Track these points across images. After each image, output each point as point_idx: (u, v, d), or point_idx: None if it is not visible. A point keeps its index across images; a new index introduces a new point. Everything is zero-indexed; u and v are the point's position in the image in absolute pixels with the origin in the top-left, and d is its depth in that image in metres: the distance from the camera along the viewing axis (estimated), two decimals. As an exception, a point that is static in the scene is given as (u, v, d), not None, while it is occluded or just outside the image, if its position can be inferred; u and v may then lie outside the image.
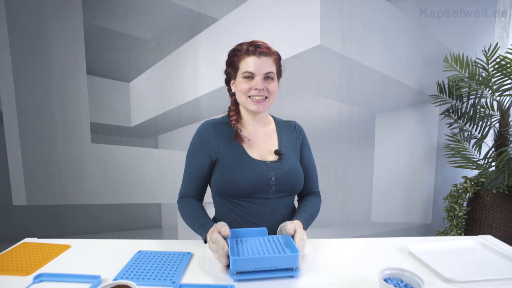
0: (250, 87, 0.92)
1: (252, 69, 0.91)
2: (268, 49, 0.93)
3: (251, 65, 0.91)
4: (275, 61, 0.95)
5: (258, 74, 0.91)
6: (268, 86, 0.92)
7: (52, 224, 2.11)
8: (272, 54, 0.94)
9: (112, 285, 0.61)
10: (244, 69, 0.92)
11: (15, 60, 1.94)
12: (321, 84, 2.18)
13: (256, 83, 0.91)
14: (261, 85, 0.91)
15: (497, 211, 1.99)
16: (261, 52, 0.91)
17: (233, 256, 0.73)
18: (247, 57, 0.92)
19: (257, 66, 0.90)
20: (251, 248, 0.78)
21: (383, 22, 2.18)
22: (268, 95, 0.93)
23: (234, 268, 0.70)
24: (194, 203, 0.98)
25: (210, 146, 0.96)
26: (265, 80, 0.92)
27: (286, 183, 0.95)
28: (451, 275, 0.71)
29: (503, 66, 1.95)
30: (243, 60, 0.92)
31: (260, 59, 0.91)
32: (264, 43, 0.94)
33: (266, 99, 0.93)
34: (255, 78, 0.91)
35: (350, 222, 2.38)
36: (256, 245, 0.80)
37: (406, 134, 2.35)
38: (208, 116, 2.14)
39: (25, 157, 2.01)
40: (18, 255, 0.83)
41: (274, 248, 0.78)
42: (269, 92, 0.93)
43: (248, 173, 0.93)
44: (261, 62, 0.91)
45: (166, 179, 2.17)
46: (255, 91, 0.91)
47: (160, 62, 2.09)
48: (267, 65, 0.91)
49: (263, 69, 0.91)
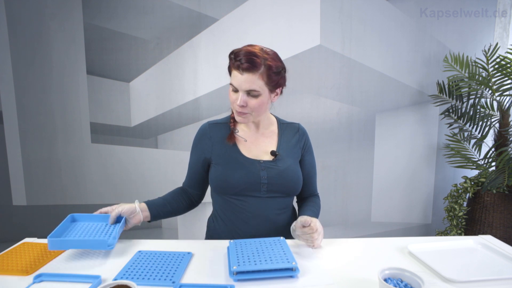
0: (234, 100, 0.91)
1: (235, 84, 0.89)
2: (256, 65, 0.85)
3: (235, 80, 0.88)
4: (262, 75, 0.87)
5: (240, 90, 0.89)
6: (250, 102, 0.89)
7: (52, 224, 2.10)
8: (258, 69, 0.86)
9: (112, 285, 0.61)
10: (231, 81, 0.90)
11: (15, 60, 1.94)
12: (321, 84, 2.18)
13: (237, 98, 0.89)
14: (242, 101, 0.88)
15: (497, 211, 1.99)
16: (243, 69, 0.86)
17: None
18: (234, 70, 0.89)
19: (239, 82, 0.87)
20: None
21: (383, 22, 2.18)
22: (249, 111, 0.91)
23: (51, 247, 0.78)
24: (174, 190, 1.08)
25: (204, 146, 1.00)
26: (247, 96, 0.89)
27: (279, 184, 0.96)
28: (451, 275, 0.71)
29: (503, 66, 1.95)
30: (232, 71, 0.90)
31: (242, 75, 0.86)
32: (257, 58, 0.86)
33: (247, 114, 0.92)
34: (238, 92, 0.90)
35: (350, 222, 2.38)
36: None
37: (406, 134, 2.35)
38: (208, 116, 2.14)
39: (25, 157, 2.01)
40: (18, 255, 0.83)
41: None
42: (251, 108, 0.90)
43: (239, 171, 0.94)
44: (243, 79, 0.87)
45: (166, 179, 2.17)
46: (237, 106, 0.90)
47: (160, 62, 2.09)
48: (248, 82, 0.87)
49: (244, 86, 0.87)
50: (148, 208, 0.97)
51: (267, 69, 0.88)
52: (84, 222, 0.92)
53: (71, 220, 0.92)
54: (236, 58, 0.87)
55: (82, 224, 0.92)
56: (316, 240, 0.85)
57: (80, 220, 0.93)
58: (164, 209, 1.01)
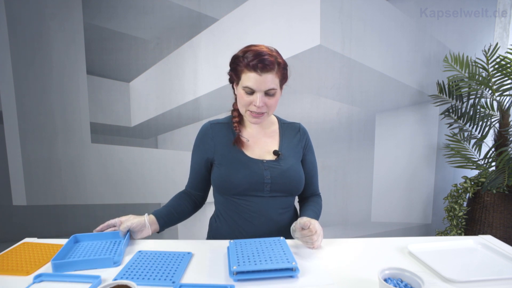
0: (250, 101, 0.90)
1: (253, 85, 0.87)
2: (272, 63, 0.87)
3: (252, 81, 0.87)
4: (278, 73, 0.89)
5: (258, 91, 0.88)
6: (268, 102, 0.90)
7: (52, 224, 2.11)
8: (275, 68, 0.88)
9: (112, 285, 0.61)
10: (245, 84, 0.88)
11: (15, 60, 1.94)
12: (321, 84, 2.18)
13: (256, 99, 0.88)
14: (261, 102, 0.88)
15: (497, 211, 1.99)
16: (263, 69, 0.86)
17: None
18: (248, 72, 0.87)
19: (257, 84, 0.87)
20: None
21: (383, 22, 2.18)
22: (266, 110, 0.92)
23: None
24: (176, 196, 1.06)
25: (207, 146, 0.99)
26: (265, 96, 0.89)
27: (282, 183, 0.96)
28: (451, 275, 0.71)
29: (503, 66, 1.95)
30: (244, 73, 0.88)
31: (261, 76, 0.86)
32: (270, 56, 0.87)
33: (264, 114, 0.93)
34: (255, 93, 0.89)
35: (350, 222, 2.38)
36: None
37: (406, 134, 2.35)
38: (208, 116, 2.14)
39: (25, 157, 2.01)
40: (18, 255, 0.83)
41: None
42: (268, 107, 0.91)
43: (242, 171, 0.94)
44: (262, 80, 0.86)
45: (166, 179, 2.17)
46: (254, 107, 0.90)
47: (160, 62, 2.09)
48: (268, 82, 0.87)
49: (264, 86, 0.87)
50: (156, 220, 0.96)
51: (280, 67, 0.90)
52: (87, 242, 0.90)
53: (74, 241, 0.90)
54: (250, 59, 0.86)
55: (85, 244, 0.89)
56: (315, 242, 0.85)
57: (83, 240, 0.91)
58: (171, 218, 1.00)
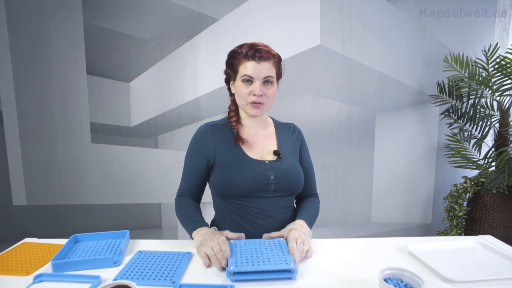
0: (249, 91, 0.92)
1: (251, 73, 0.90)
2: (268, 53, 0.91)
3: (250, 69, 0.90)
4: (274, 64, 0.93)
5: (257, 78, 0.90)
6: (267, 91, 0.92)
7: (52, 224, 2.11)
8: (272, 58, 0.92)
9: (112, 285, 0.61)
10: (243, 73, 0.91)
11: (15, 60, 1.94)
12: (321, 84, 2.18)
13: (255, 88, 0.91)
14: (260, 90, 0.90)
15: (497, 211, 1.99)
16: (260, 57, 0.90)
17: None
18: (246, 62, 0.91)
19: (256, 71, 0.90)
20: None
21: (383, 22, 2.18)
22: (266, 101, 0.93)
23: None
24: (189, 202, 1.01)
25: (207, 148, 0.98)
26: (264, 85, 0.92)
27: (285, 183, 0.96)
28: (451, 275, 0.71)
29: (503, 66, 1.95)
30: (242, 64, 0.92)
31: (259, 64, 0.90)
32: (265, 47, 0.92)
33: (264, 104, 0.93)
34: (254, 82, 0.91)
35: (350, 222, 2.38)
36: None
37: (406, 134, 2.35)
38: (208, 116, 2.14)
39: (25, 157, 2.01)
40: (18, 255, 0.83)
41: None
42: (267, 97, 0.93)
43: (247, 173, 0.93)
44: (260, 67, 0.90)
45: (166, 179, 2.17)
46: (254, 97, 0.91)
47: (160, 62, 2.09)
48: (266, 69, 0.91)
49: (262, 73, 0.90)
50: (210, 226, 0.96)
51: (275, 59, 0.94)
52: (87, 242, 0.90)
53: (74, 241, 0.90)
54: (247, 50, 0.90)
55: (85, 244, 0.89)
56: (296, 258, 0.77)
57: (83, 240, 0.91)
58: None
